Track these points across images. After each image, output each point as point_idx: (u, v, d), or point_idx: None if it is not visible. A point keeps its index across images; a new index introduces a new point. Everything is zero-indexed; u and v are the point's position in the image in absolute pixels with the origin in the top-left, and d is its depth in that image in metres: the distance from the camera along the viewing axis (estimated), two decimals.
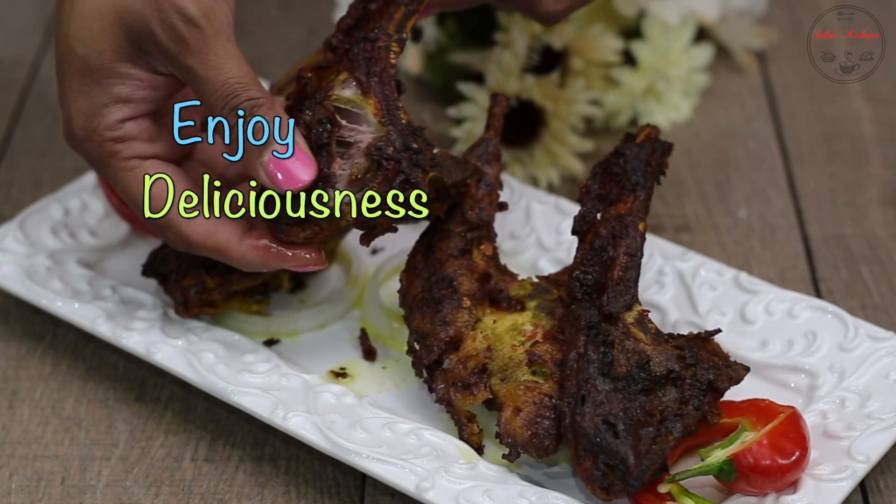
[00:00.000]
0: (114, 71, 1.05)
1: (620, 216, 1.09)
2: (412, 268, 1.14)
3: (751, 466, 1.00)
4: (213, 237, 1.05)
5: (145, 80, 1.06)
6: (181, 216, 1.05)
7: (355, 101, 1.08)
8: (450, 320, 1.09)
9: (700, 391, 1.01)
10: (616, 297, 1.05)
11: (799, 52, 1.56)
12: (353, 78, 1.08)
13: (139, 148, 1.06)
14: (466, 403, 1.06)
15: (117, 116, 1.05)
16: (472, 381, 1.06)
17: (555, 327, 1.08)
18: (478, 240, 1.14)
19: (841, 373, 1.11)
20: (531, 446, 1.03)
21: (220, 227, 1.05)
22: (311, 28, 1.61)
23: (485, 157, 1.18)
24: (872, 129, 1.46)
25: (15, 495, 1.10)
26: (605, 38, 1.40)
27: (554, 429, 1.03)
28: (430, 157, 1.07)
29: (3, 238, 1.24)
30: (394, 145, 1.05)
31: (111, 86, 1.05)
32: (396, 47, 1.10)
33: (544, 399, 1.04)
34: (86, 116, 1.05)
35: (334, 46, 1.10)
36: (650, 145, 1.13)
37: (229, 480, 1.11)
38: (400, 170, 1.04)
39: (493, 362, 1.07)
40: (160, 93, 1.07)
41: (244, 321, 1.18)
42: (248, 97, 1.01)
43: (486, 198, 1.16)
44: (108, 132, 1.05)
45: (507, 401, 1.05)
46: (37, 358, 1.21)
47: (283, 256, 1.05)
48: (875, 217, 1.35)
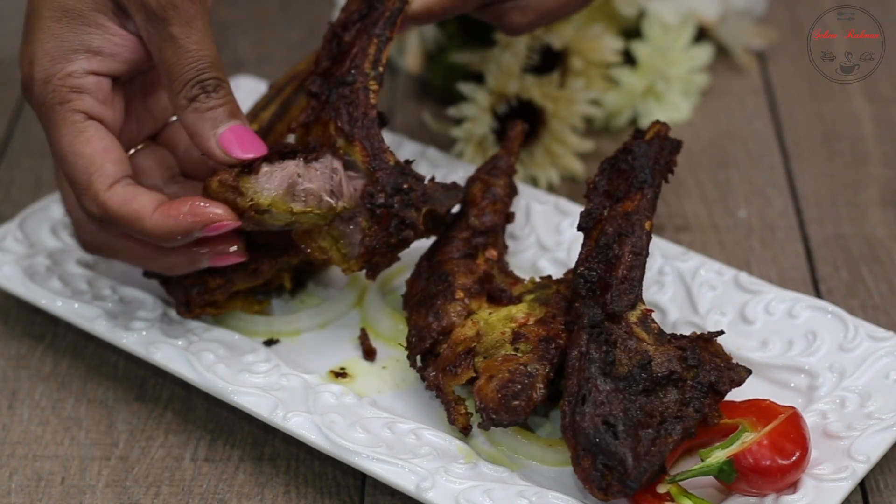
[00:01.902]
0: (91, 20, 1.06)
1: (627, 214, 1.09)
2: (416, 273, 1.15)
3: (751, 467, 1.00)
4: (128, 204, 1.05)
5: (119, 36, 1.07)
6: (102, 181, 1.05)
7: (343, 148, 1.11)
8: (442, 312, 1.10)
9: (701, 393, 1.01)
10: (620, 295, 1.05)
11: (799, 52, 1.56)
12: (336, 129, 1.12)
13: (90, 104, 1.06)
14: (452, 384, 1.06)
15: (84, 66, 1.06)
16: (457, 363, 1.06)
17: (547, 313, 1.08)
18: (483, 245, 1.15)
19: (841, 373, 1.11)
20: (501, 408, 1.03)
21: (137, 198, 1.05)
22: (311, 28, 1.61)
23: (494, 171, 1.21)
24: (872, 129, 1.46)
25: (15, 495, 1.10)
26: (605, 38, 1.40)
27: (526, 392, 1.03)
28: (422, 192, 1.11)
29: (3, 238, 1.24)
30: (385, 190, 1.10)
31: (85, 33, 1.06)
32: (374, 85, 1.14)
33: (519, 367, 1.04)
34: (51, 59, 1.06)
35: (315, 94, 1.14)
36: (659, 143, 1.12)
37: (229, 480, 1.11)
38: (393, 214, 1.09)
39: (480, 345, 1.07)
40: (130, 55, 1.08)
41: (245, 321, 1.18)
42: (215, 75, 1.06)
43: (491, 206, 1.18)
44: (68, 78, 1.06)
45: (484, 372, 1.05)
46: (37, 358, 1.21)
47: (194, 222, 1.05)
48: (875, 217, 1.35)
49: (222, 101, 1.06)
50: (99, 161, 1.05)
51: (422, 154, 1.34)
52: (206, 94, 1.05)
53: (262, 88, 1.38)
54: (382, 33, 1.14)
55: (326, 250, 1.11)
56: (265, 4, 1.66)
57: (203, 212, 1.05)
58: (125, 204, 1.05)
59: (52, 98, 1.06)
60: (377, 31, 1.14)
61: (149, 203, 1.05)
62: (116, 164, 1.06)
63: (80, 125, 1.06)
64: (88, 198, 1.05)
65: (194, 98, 1.05)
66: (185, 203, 1.05)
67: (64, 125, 1.06)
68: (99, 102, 1.07)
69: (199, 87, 1.05)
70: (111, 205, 1.05)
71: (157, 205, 1.05)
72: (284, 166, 1.07)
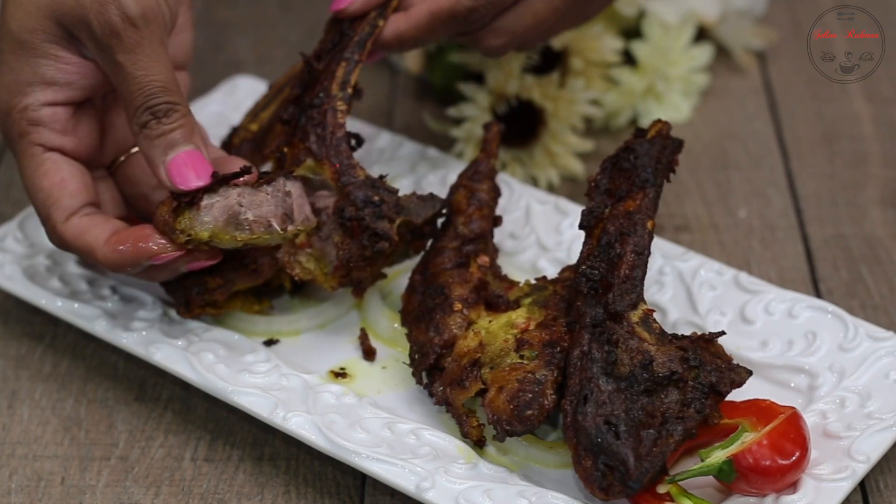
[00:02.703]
0: (43, 51, 1.07)
1: (629, 213, 1.09)
2: (411, 286, 1.15)
3: (751, 467, 1.00)
4: (82, 237, 1.07)
5: (74, 64, 1.08)
6: (58, 214, 1.08)
7: (313, 168, 1.14)
8: (442, 326, 1.09)
9: (702, 394, 1.01)
10: (622, 295, 1.05)
11: (799, 52, 1.56)
12: (305, 150, 1.14)
13: (47, 136, 1.08)
14: (461, 398, 1.06)
15: (39, 98, 1.07)
16: (464, 376, 1.06)
17: (547, 316, 1.08)
18: (474, 252, 1.15)
19: (841, 373, 1.11)
20: (514, 418, 1.03)
21: (91, 230, 1.07)
22: (311, 28, 1.60)
23: (476, 176, 1.21)
24: (872, 129, 1.46)
25: (15, 495, 1.10)
26: (605, 38, 1.40)
27: (537, 401, 1.03)
28: (395, 203, 1.12)
29: (3, 238, 1.24)
30: (355, 204, 1.11)
31: (38, 65, 1.07)
32: (342, 105, 1.16)
33: (527, 375, 1.04)
34: (9, 92, 1.08)
35: (286, 120, 1.17)
36: (661, 142, 1.12)
37: (229, 480, 1.11)
38: (365, 226, 1.11)
39: (485, 355, 1.07)
40: (87, 81, 1.09)
41: (245, 321, 1.18)
42: (167, 100, 1.06)
43: (478, 212, 1.18)
44: (25, 111, 1.07)
45: (493, 383, 1.05)
46: (37, 358, 1.21)
47: (137, 255, 1.06)
48: (875, 217, 1.35)
49: (174, 126, 1.06)
50: (56, 194, 1.08)
51: (422, 154, 1.34)
52: (156, 120, 1.05)
53: (262, 88, 1.38)
54: (351, 56, 1.18)
55: (311, 271, 1.14)
56: (265, 4, 1.65)
57: (143, 249, 1.06)
58: (79, 237, 1.08)
59: (13, 131, 1.08)
60: (346, 55, 1.17)
61: (102, 234, 1.07)
62: (73, 195, 1.08)
63: (38, 158, 1.08)
64: (48, 230, 1.09)
65: (145, 125, 1.06)
66: (129, 237, 1.06)
67: (25, 158, 1.09)
68: (56, 133, 1.08)
69: (149, 112, 1.05)
70: (66, 238, 1.08)
71: (109, 236, 1.07)
72: (227, 195, 1.06)
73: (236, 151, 1.24)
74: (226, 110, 1.38)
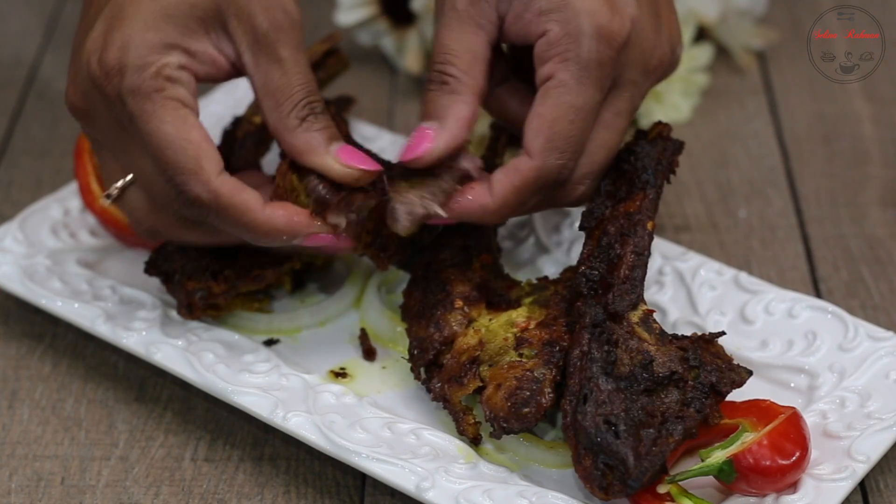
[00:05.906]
0: (193, 27, 1.07)
1: (629, 214, 1.09)
2: (412, 283, 1.15)
3: (751, 467, 1.00)
4: (239, 193, 1.05)
5: (212, 50, 1.08)
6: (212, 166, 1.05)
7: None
8: (443, 322, 1.09)
9: (702, 394, 1.01)
10: (622, 295, 1.05)
11: (799, 52, 1.56)
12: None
13: (185, 95, 1.07)
14: (459, 394, 1.06)
15: (181, 60, 1.07)
16: (462, 373, 1.06)
17: (548, 316, 1.08)
18: (477, 250, 1.15)
19: (841, 373, 1.11)
20: (511, 416, 1.03)
21: (247, 189, 1.06)
22: (311, 28, 1.60)
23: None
24: (872, 129, 1.46)
25: (15, 495, 1.10)
26: None
27: (535, 399, 1.03)
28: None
29: (3, 238, 1.24)
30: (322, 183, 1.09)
31: (186, 35, 1.07)
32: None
33: (526, 373, 1.04)
34: (149, 48, 1.05)
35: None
36: (661, 143, 1.12)
37: (229, 480, 1.11)
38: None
39: (484, 353, 1.07)
40: (213, 69, 1.09)
41: (245, 318, 1.18)
42: (321, 99, 1.08)
43: None
44: (165, 68, 1.06)
45: (491, 381, 1.05)
46: (37, 358, 1.21)
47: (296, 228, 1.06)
48: (875, 217, 1.35)
49: (328, 124, 1.08)
50: (206, 147, 1.05)
51: None
52: (314, 115, 1.07)
53: None
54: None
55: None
56: None
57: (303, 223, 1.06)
58: (237, 192, 1.05)
59: (149, 85, 1.05)
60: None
61: (259, 197, 1.06)
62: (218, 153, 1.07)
63: (181, 111, 1.06)
64: (198, 182, 1.05)
65: (304, 118, 1.07)
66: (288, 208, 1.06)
67: (164, 111, 1.05)
68: (191, 95, 1.07)
69: (309, 108, 1.07)
70: (223, 191, 1.05)
71: (264, 202, 1.06)
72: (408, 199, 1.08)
73: (240, 144, 1.24)
74: (226, 110, 1.38)
